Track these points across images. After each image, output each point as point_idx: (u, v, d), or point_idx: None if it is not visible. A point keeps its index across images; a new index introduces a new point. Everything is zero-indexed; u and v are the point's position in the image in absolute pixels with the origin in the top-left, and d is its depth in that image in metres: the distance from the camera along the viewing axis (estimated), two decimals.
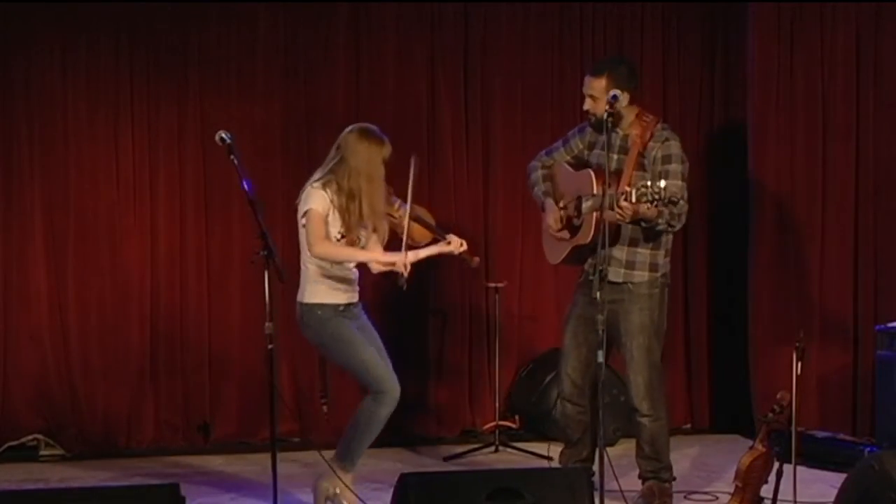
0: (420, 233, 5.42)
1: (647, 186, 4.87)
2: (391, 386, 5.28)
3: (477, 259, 5.58)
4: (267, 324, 4.80)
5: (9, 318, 6.65)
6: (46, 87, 6.63)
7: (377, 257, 5.33)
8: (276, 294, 4.97)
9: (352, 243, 5.27)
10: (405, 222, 5.27)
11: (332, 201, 5.19)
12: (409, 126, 6.97)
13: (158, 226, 6.78)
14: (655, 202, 4.88)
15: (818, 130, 6.76)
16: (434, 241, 5.41)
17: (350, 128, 5.33)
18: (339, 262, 5.28)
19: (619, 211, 4.99)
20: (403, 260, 5.21)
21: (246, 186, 4.97)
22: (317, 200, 5.19)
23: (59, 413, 6.65)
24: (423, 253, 5.40)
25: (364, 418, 5.29)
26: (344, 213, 5.21)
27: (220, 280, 6.82)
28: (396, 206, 5.38)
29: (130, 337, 6.74)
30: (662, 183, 4.88)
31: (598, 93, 5.27)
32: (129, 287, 6.73)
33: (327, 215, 5.20)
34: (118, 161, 6.73)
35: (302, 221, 5.25)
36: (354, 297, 5.41)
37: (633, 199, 4.92)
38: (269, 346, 4.80)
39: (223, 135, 4.93)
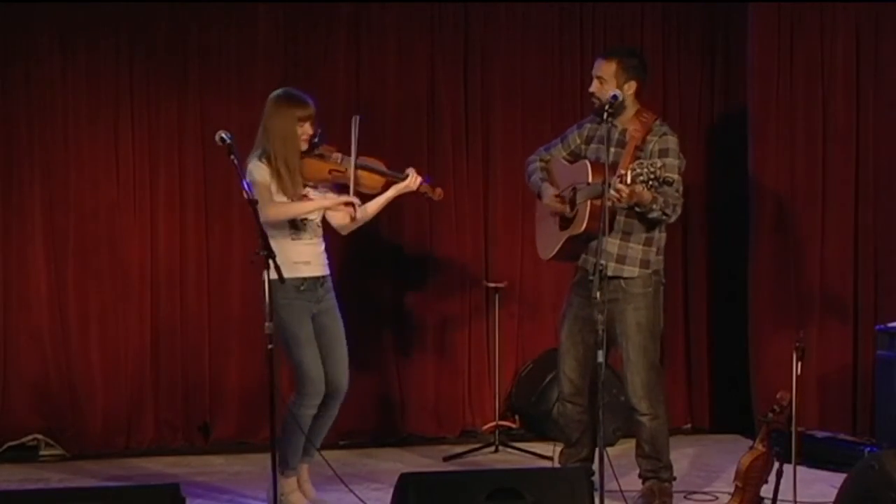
0: (370, 179, 5.41)
1: (642, 166, 4.88)
2: (314, 389, 5.30)
3: (440, 191, 5.51)
4: (267, 324, 4.80)
5: (9, 319, 6.65)
6: (46, 87, 6.63)
7: (322, 203, 5.33)
8: (276, 294, 4.97)
9: None
10: (350, 172, 5.30)
11: (269, 171, 5.24)
12: (409, 126, 6.97)
13: (158, 226, 6.77)
14: (651, 181, 4.88)
15: (818, 130, 6.76)
16: (388, 186, 5.44)
17: (271, 94, 5.39)
18: (293, 218, 5.28)
19: (615, 193, 4.98)
20: (350, 198, 5.29)
21: (246, 186, 4.97)
22: (259, 172, 5.24)
23: (59, 413, 6.64)
24: (381, 200, 5.45)
25: (289, 417, 5.32)
26: (275, 178, 5.24)
27: (220, 280, 6.82)
28: (339, 160, 5.37)
29: (130, 337, 6.74)
30: (659, 162, 4.91)
31: (607, 76, 5.31)
32: (129, 287, 6.73)
33: (270, 185, 5.24)
34: (118, 161, 6.73)
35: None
36: (318, 272, 5.37)
37: (629, 180, 4.92)
38: (269, 346, 4.80)
39: (223, 135, 4.93)
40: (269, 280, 5.15)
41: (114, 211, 6.73)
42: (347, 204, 5.32)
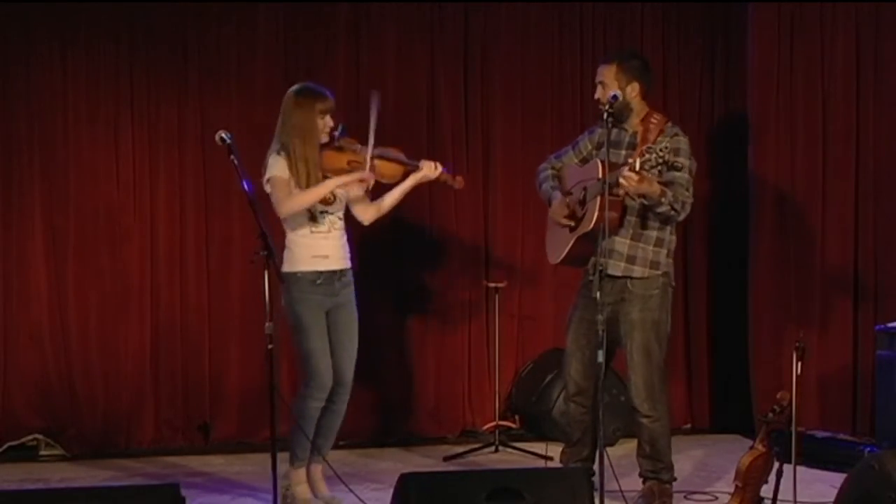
0: (388, 169, 5.41)
1: (650, 151, 4.90)
2: (321, 382, 5.32)
3: (461, 179, 5.52)
4: (267, 324, 4.81)
5: (9, 318, 6.65)
6: (46, 87, 6.63)
7: (334, 182, 5.28)
8: (276, 294, 4.98)
9: (326, 202, 5.31)
10: (367, 157, 5.30)
11: (287, 165, 5.24)
12: (409, 126, 6.97)
13: (158, 226, 6.78)
14: (659, 166, 4.90)
15: (818, 130, 6.76)
16: (407, 175, 5.43)
17: (290, 89, 5.39)
18: (311, 204, 5.25)
19: (624, 181, 4.98)
20: (362, 174, 5.28)
21: (246, 186, 4.97)
22: (277, 167, 5.24)
23: (59, 413, 6.65)
24: (400, 190, 5.45)
25: (296, 410, 5.37)
26: (293, 172, 5.24)
27: (220, 280, 6.82)
28: (358, 150, 5.36)
29: (130, 337, 6.75)
30: (667, 146, 4.95)
31: (608, 80, 5.30)
32: (129, 287, 6.74)
33: (290, 180, 5.24)
34: (118, 161, 6.73)
35: (267, 189, 5.31)
36: (336, 265, 5.36)
37: (637, 167, 4.92)
38: (269, 346, 4.80)
39: (223, 135, 4.94)
40: (285, 273, 5.19)
41: (114, 211, 6.73)
42: (361, 180, 5.32)
